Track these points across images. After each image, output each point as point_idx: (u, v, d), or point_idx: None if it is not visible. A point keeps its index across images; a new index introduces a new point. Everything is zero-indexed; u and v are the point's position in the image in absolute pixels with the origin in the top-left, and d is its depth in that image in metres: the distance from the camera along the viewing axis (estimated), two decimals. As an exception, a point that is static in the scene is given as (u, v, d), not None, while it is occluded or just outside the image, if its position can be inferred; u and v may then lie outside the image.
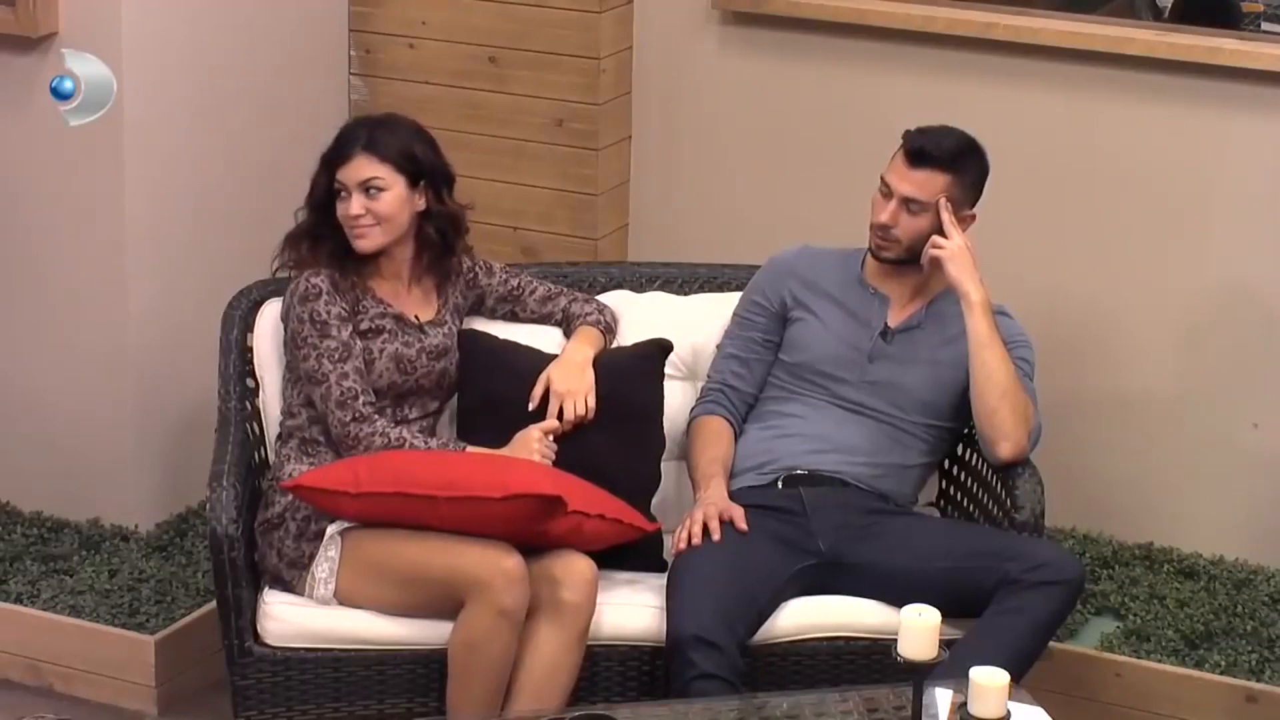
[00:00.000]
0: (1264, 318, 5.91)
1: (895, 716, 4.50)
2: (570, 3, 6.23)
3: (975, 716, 4.36)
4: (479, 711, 4.91)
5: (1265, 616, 5.80)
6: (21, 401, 6.01)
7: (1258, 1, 6.14)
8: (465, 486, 4.98)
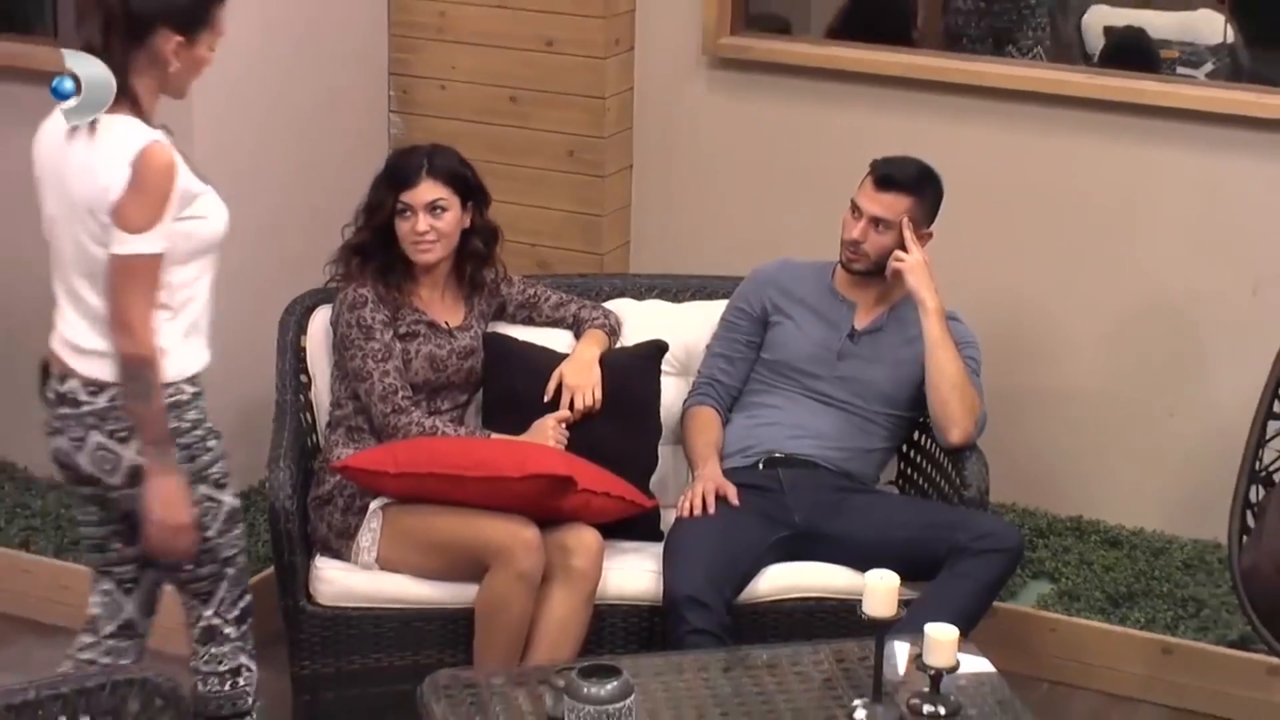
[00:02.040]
0: (1179, 322, 5.92)
1: (860, 667, 4.50)
2: (579, 50, 6.24)
3: (930, 665, 4.37)
4: (501, 662, 4.91)
5: (1179, 580, 5.80)
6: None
7: (1173, 49, 6.14)
8: (489, 467, 5.00)
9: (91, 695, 4.14)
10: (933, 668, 4.37)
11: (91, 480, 4.40)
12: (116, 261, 4.19)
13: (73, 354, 4.34)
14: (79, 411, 4.33)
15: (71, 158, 4.26)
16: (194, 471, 4.38)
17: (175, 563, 4.44)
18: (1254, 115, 5.72)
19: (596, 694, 4.14)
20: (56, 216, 4.33)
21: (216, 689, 4.62)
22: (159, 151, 4.19)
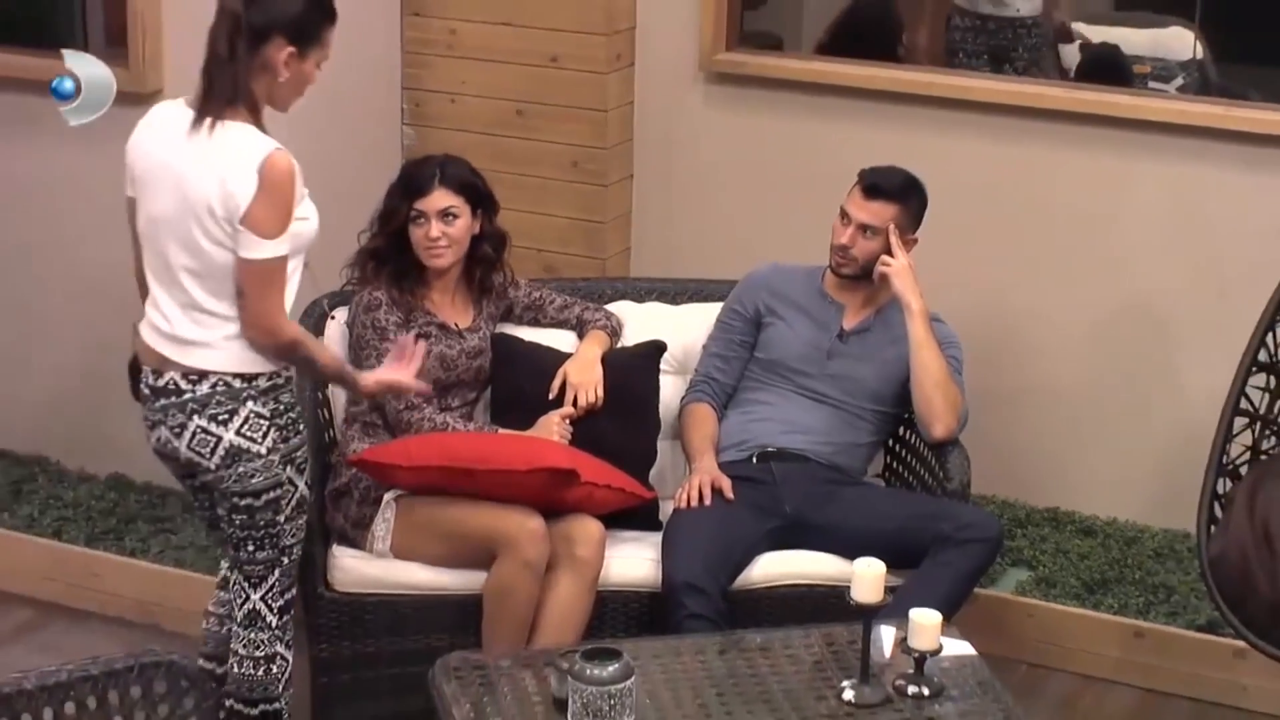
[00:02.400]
0: (1151, 323, 5.92)
1: (849, 650, 4.50)
2: (582, 65, 6.24)
3: (914, 649, 4.38)
4: (508, 645, 4.91)
5: (1150, 567, 5.81)
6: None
7: (1145, 64, 6.14)
8: (497, 461, 5.00)
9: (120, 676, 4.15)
10: (917, 651, 4.38)
11: (190, 466, 4.49)
12: (253, 266, 4.29)
13: (170, 346, 4.41)
14: (181, 400, 4.41)
15: (189, 160, 4.31)
16: (285, 452, 4.49)
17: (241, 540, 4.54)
18: (1222, 127, 5.73)
19: (599, 675, 4.15)
20: (164, 215, 4.37)
21: (250, 673, 4.66)
22: (283, 159, 4.30)
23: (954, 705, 4.38)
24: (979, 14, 6.31)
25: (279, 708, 4.72)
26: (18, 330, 6.30)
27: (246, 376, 4.41)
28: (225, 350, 4.40)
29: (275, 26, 4.30)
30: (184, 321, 4.39)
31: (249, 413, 4.42)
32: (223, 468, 4.44)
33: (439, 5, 6.37)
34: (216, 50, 4.30)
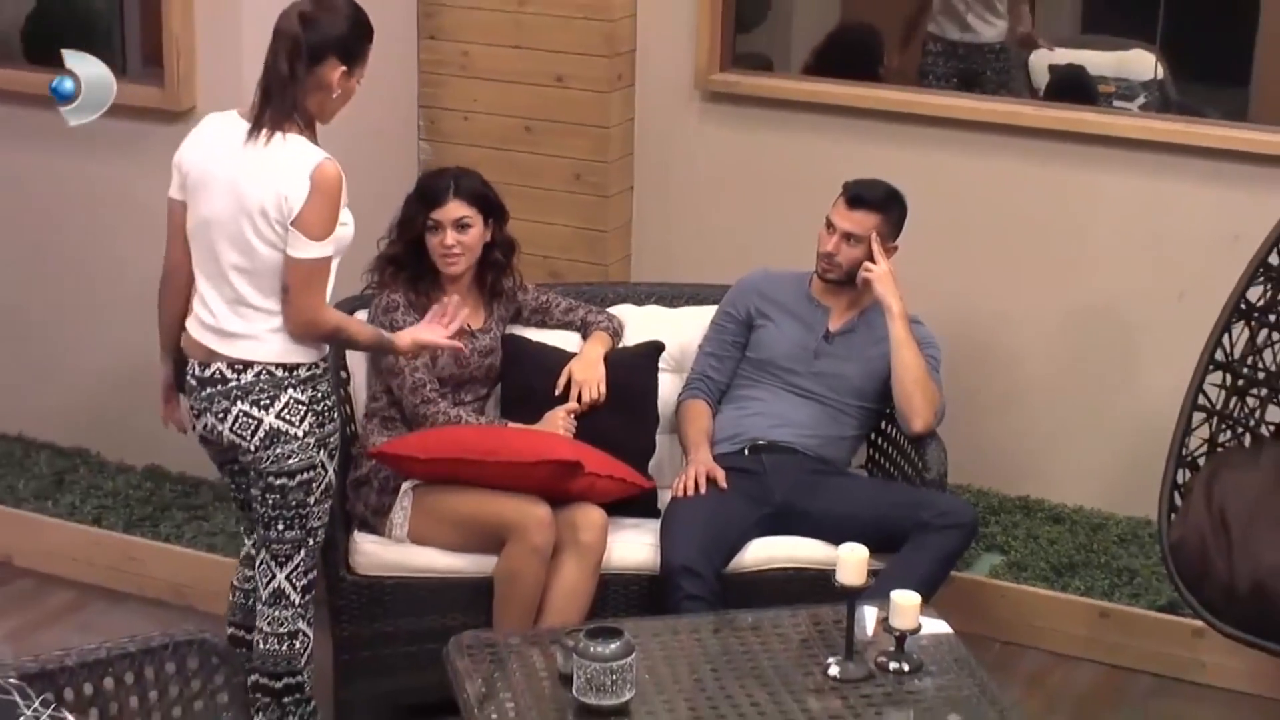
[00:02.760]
0: (1115, 324, 5.92)
1: (834, 629, 4.50)
2: (586, 85, 6.23)
3: (895, 628, 4.38)
4: (517, 625, 4.91)
5: (1115, 552, 5.80)
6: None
7: (1110, 84, 6.14)
8: (507, 453, 5.00)
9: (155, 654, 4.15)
10: (898, 629, 4.38)
11: (231, 448, 4.54)
12: (301, 265, 4.39)
13: (216, 339, 4.48)
14: (226, 388, 4.48)
15: (245, 166, 4.38)
16: (320, 437, 4.55)
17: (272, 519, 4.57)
18: (1181, 143, 5.72)
19: (602, 653, 4.15)
20: (217, 217, 4.43)
21: (275, 648, 4.68)
22: (333, 168, 4.38)
23: (932, 680, 4.38)
24: (949, 40, 6.32)
25: (301, 680, 4.74)
26: (61, 331, 6.30)
27: (288, 366, 4.49)
28: (269, 342, 4.47)
29: (329, 48, 4.39)
30: (230, 316, 4.46)
31: (289, 399, 4.49)
32: (261, 449, 4.48)
33: (453, 29, 6.36)
34: (277, 70, 4.37)
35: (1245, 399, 5.23)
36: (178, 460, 6.09)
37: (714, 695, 4.31)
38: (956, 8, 6.26)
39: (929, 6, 6.31)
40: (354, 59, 4.46)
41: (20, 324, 6.35)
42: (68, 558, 5.96)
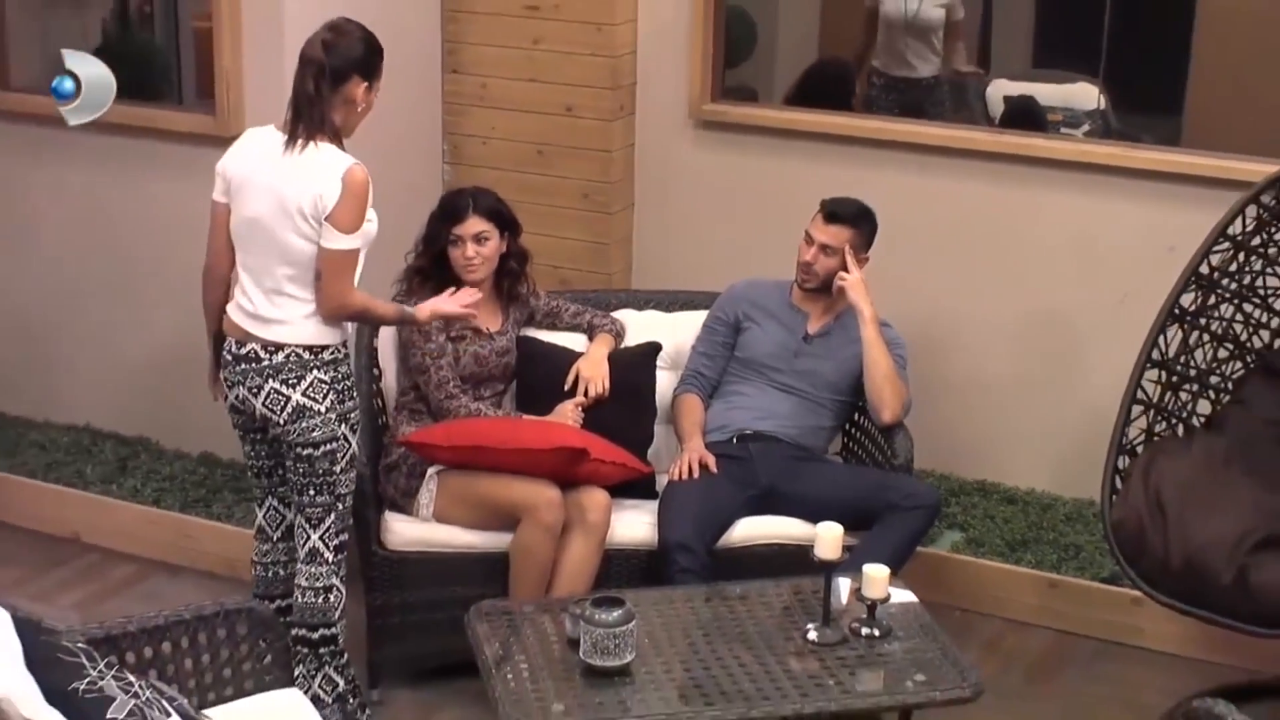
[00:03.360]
0: (1063, 326, 5.91)
1: (813, 598, 4.50)
2: (592, 114, 6.22)
3: (867, 597, 4.38)
4: (530, 595, 4.90)
5: (1062, 530, 5.79)
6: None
7: (1057, 113, 6.13)
8: (521, 441, 5.00)
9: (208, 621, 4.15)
10: (869, 599, 4.38)
11: (263, 420, 4.59)
12: (333, 255, 4.46)
13: (253, 322, 4.55)
14: (259, 365, 4.55)
15: (284, 172, 4.46)
16: (340, 412, 4.60)
17: (303, 486, 4.62)
18: (1121, 165, 5.71)
19: (605, 619, 4.15)
20: (259, 216, 4.51)
21: (312, 602, 4.72)
22: (360, 171, 4.46)
23: (900, 644, 4.38)
24: (889, 75, 6.32)
25: (335, 633, 4.76)
26: (126, 334, 6.29)
27: (314, 349, 4.55)
28: (299, 327, 4.54)
29: (351, 68, 4.48)
30: (266, 304, 4.53)
31: (313, 378, 4.55)
32: (289, 422, 4.55)
33: (473, 64, 6.35)
34: (305, 90, 4.46)
35: (1179, 394, 5.23)
36: (228, 448, 6.07)
37: (705, 657, 4.31)
38: (898, 46, 6.26)
39: (873, 44, 6.29)
40: (372, 75, 4.55)
41: (88, 325, 6.35)
42: (130, 535, 5.95)
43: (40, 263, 6.36)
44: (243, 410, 4.65)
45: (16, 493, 6.11)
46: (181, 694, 3.91)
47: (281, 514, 4.84)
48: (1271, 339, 5.26)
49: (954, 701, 4.23)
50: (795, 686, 4.18)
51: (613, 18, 6.14)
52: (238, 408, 4.66)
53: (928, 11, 6.19)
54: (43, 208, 6.30)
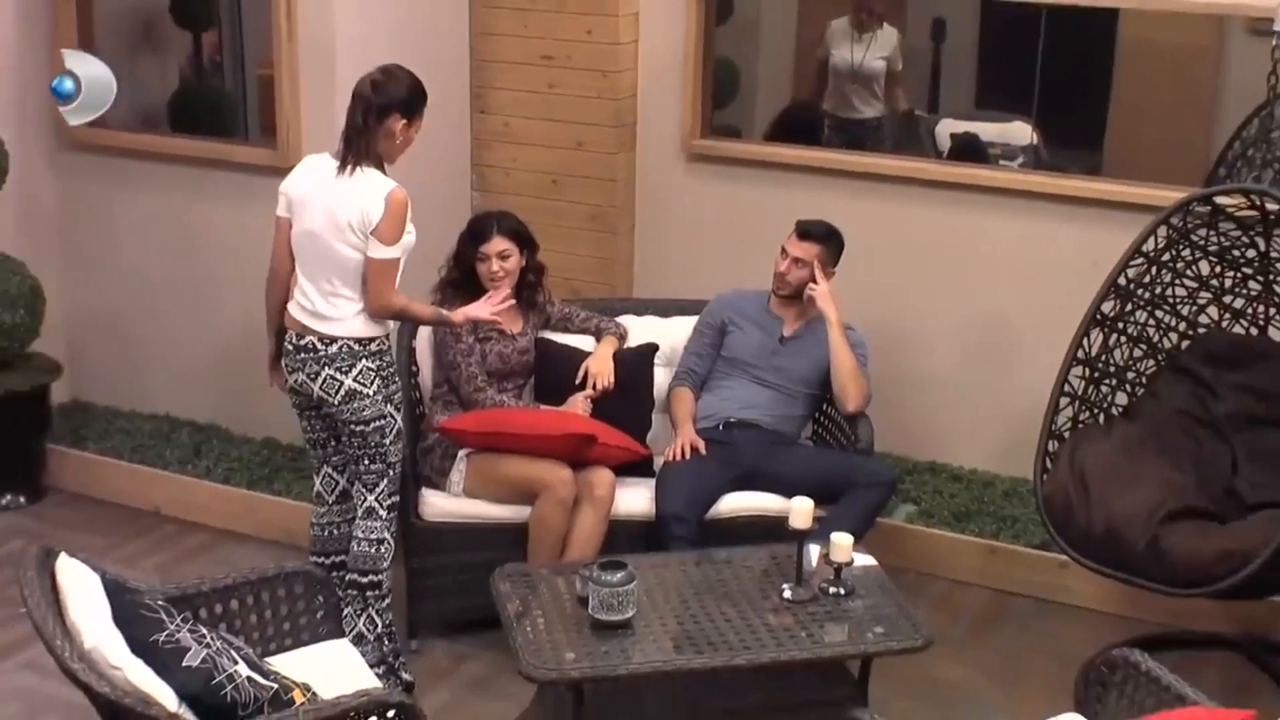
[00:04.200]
0: (1002, 329, 5.90)
1: (788, 562, 4.48)
2: (599, 149, 6.20)
3: (834, 561, 4.36)
4: (546, 559, 4.89)
5: (1001, 504, 5.77)
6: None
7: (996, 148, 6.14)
8: (539, 428, 5.00)
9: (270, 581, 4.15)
10: (836, 563, 4.37)
11: (320, 401, 4.64)
12: (377, 263, 4.51)
13: (312, 319, 4.60)
14: (316, 355, 4.60)
15: (337, 192, 4.52)
16: (386, 394, 4.67)
17: (359, 456, 4.67)
18: (1051, 192, 5.71)
19: (610, 580, 4.14)
20: (317, 230, 4.56)
21: (366, 550, 4.76)
22: (401, 193, 4.52)
23: (861, 601, 4.37)
24: (837, 116, 6.33)
25: (381, 579, 4.79)
26: (199, 335, 6.29)
27: (363, 340, 4.61)
28: (350, 323, 4.59)
29: (393, 106, 4.53)
30: (322, 302, 4.58)
31: (362, 366, 4.60)
32: (343, 404, 4.60)
33: (498, 105, 6.34)
34: (354, 123, 4.52)
35: (1100, 387, 5.23)
36: (287, 433, 6.06)
37: (696, 613, 4.30)
38: (844, 92, 6.27)
39: (824, 90, 6.29)
40: (412, 114, 4.58)
41: (166, 328, 6.34)
42: (203, 508, 5.94)
43: (126, 273, 6.35)
44: (301, 392, 4.68)
45: (106, 472, 6.10)
46: (247, 645, 3.91)
47: (335, 480, 4.85)
48: (1179, 340, 5.26)
49: (908, 650, 4.21)
50: (773, 637, 4.17)
51: (616, 66, 6.12)
52: (297, 390, 4.70)
53: (870, 63, 6.20)
54: (128, 227, 6.29)
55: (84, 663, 3.40)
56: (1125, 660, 3.85)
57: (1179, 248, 5.10)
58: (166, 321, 6.34)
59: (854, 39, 6.18)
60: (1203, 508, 4.79)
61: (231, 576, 4.07)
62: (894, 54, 6.18)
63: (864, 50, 6.17)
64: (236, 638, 3.90)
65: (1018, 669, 5.10)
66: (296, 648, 4.12)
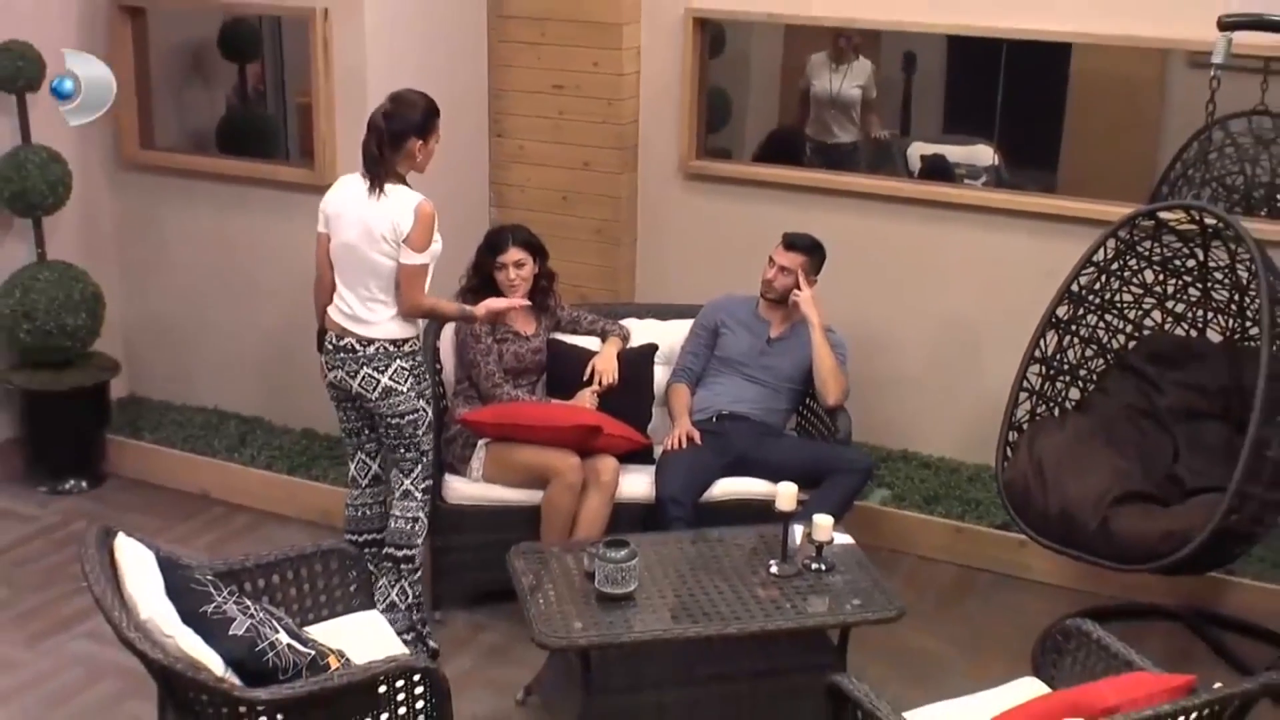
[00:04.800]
0: (967, 331, 5.88)
1: (774, 541, 4.47)
2: (604, 169, 6.19)
3: (816, 540, 4.35)
4: (556, 539, 4.88)
5: (966, 489, 5.76)
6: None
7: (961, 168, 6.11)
8: (550, 420, 4.99)
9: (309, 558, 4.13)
10: (817, 542, 4.36)
11: (359, 396, 4.64)
12: (409, 268, 4.51)
13: (351, 322, 4.60)
14: (355, 355, 4.60)
15: (369, 208, 4.52)
16: (419, 390, 4.68)
17: (395, 446, 4.68)
18: (1011, 208, 5.70)
19: (614, 557, 4.13)
20: (353, 241, 4.56)
21: (403, 528, 4.78)
22: (428, 205, 4.52)
23: (840, 576, 4.36)
24: (817, 140, 6.30)
25: (414, 554, 4.80)
26: (244, 335, 6.27)
27: (397, 342, 4.61)
28: (385, 326, 4.59)
29: (408, 131, 4.51)
30: (360, 307, 4.58)
31: (397, 366, 4.60)
32: (380, 400, 4.60)
33: (513, 130, 6.32)
34: (370, 152, 4.52)
35: (1055, 384, 5.21)
36: (324, 424, 6.06)
37: (691, 587, 4.28)
38: (824, 118, 6.25)
39: (806, 116, 6.26)
40: (427, 133, 4.55)
41: (214, 328, 6.32)
42: (248, 492, 5.92)
43: (177, 281, 6.33)
44: (339, 387, 4.68)
45: (160, 460, 6.08)
46: (287, 615, 3.89)
47: (368, 465, 4.84)
48: (1126, 341, 5.25)
49: (882, 620, 4.20)
50: (760, 609, 4.15)
51: (620, 95, 6.10)
52: (335, 385, 4.69)
53: (847, 91, 6.18)
54: (179, 239, 6.27)
55: (139, 632, 3.38)
56: (1078, 630, 3.83)
57: (1126, 258, 5.09)
58: (214, 324, 6.32)
59: (832, 69, 6.15)
60: (1148, 492, 4.79)
61: (273, 554, 4.06)
62: (868, 83, 6.16)
63: (841, 80, 6.15)
64: (277, 609, 3.89)
65: (981, 637, 5.09)
66: (332, 618, 4.10)
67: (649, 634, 4.04)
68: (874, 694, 3.46)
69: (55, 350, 5.85)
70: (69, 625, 5.00)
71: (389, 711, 3.58)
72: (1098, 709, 3.28)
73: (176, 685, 3.42)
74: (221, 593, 3.58)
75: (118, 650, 3.67)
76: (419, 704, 3.62)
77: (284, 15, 5.86)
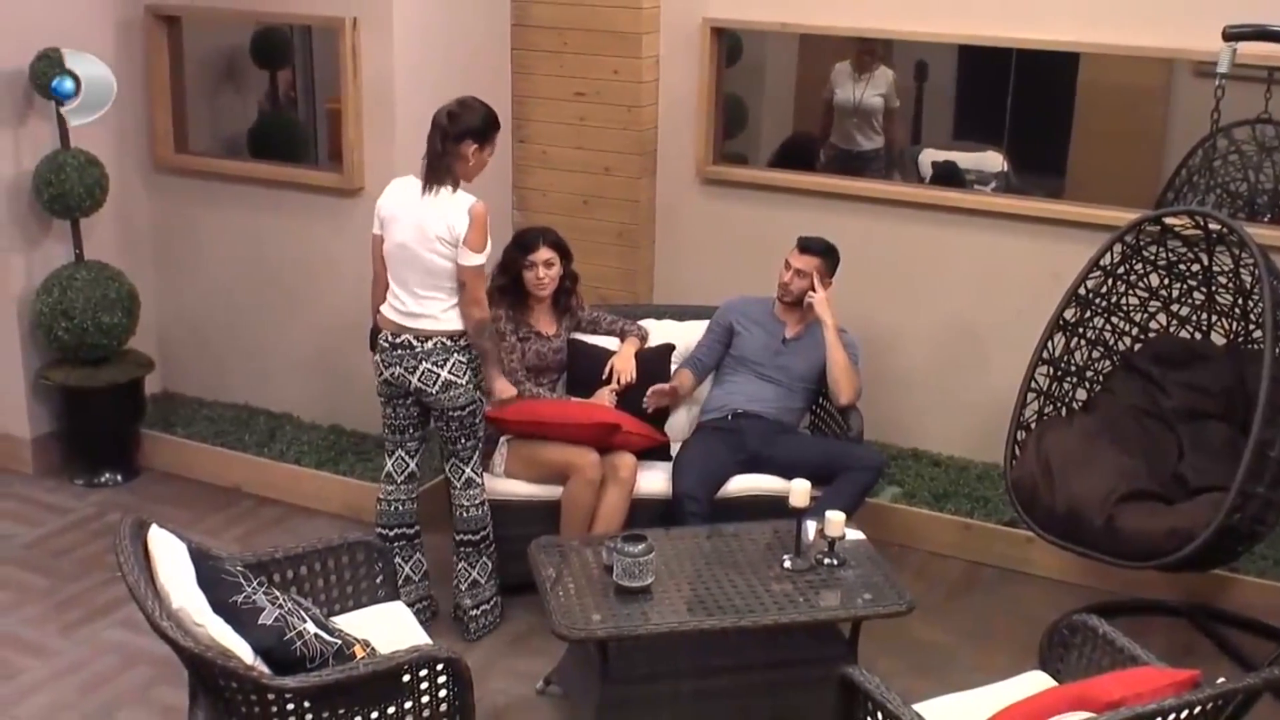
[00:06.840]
0: (974, 331, 5.86)
1: (788, 536, 4.46)
2: (624, 174, 6.18)
3: (828, 536, 4.34)
4: (576, 533, 4.88)
5: (975, 486, 5.74)
6: (354, 374, 5.99)
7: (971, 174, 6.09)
8: (570, 417, 4.99)
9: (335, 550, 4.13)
10: (830, 537, 4.35)
11: (418, 391, 4.65)
12: (469, 268, 4.53)
13: (406, 319, 4.62)
14: (413, 351, 4.62)
15: (424, 209, 4.53)
16: (475, 382, 4.71)
17: (456, 437, 4.70)
18: (1019, 213, 5.68)
19: (632, 551, 4.12)
20: (408, 242, 4.57)
21: (474, 514, 4.82)
22: (482, 205, 4.55)
23: (852, 570, 4.35)
24: (840, 148, 6.28)
25: (489, 532, 4.87)
26: (273, 334, 6.27)
27: (453, 336, 4.63)
28: (441, 321, 4.61)
29: (466, 134, 4.54)
30: (415, 304, 4.60)
31: (455, 360, 4.62)
32: (440, 393, 4.63)
33: (536, 136, 6.31)
34: (433, 148, 4.54)
35: (1062, 384, 5.19)
36: (351, 420, 6.07)
37: (707, 580, 4.28)
38: (847, 127, 6.23)
39: (830, 125, 6.25)
40: (484, 140, 4.58)
41: (244, 328, 6.33)
42: (277, 486, 5.92)
43: (210, 281, 6.34)
44: (394, 384, 4.68)
45: (192, 454, 6.09)
46: (314, 605, 3.89)
47: (406, 463, 4.84)
48: (1132, 343, 5.23)
49: (893, 614, 4.19)
50: (774, 602, 4.15)
51: (639, 102, 6.09)
52: (390, 382, 4.69)
53: (869, 100, 6.16)
54: (212, 240, 6.28)
55: (172, 620, 3.39)
56: (1084, 624, 3.82)
57: (1132, 262, 5.07)
58: (245, 323, 6.33)
59: (854, 79, 6.14)
60: (1152, 490, 4.76)
61: (301, 546, 4.06)
62: (890, 91, 6.14)
63: (863, 89, 6.13)
64: (305, 599, 3.89)
65: (988, 631, 5.07)
66: (358, 609, 4.10)
67: (665, 626, 4.04)
68: (884, 685, 3.45)
69: (92, 348, 5.87)
70: (104, 614, 5.01)
71: (413, 699, 3.57)
72: (1103, 702, 3.26)
73: (207, 673, 3.43)
74: (251, 583, 3.59)
75: (150, 638, 3.68)
76: (442, 692, 3.62)
77: (314, 24, 5.86)
